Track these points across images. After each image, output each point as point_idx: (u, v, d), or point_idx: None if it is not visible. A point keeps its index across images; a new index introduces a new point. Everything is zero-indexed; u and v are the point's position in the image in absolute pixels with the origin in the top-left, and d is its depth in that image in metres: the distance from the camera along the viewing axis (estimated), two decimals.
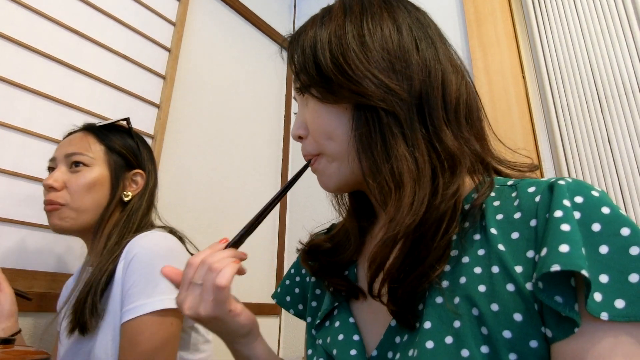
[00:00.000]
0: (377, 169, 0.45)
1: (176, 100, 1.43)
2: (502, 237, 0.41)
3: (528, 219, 0.40)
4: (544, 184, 0.41)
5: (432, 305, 0.41)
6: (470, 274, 0.40)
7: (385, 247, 0.42)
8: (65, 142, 0.90)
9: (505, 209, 0.43)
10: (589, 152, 1.24)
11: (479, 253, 0.41)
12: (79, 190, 0.84)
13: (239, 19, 1.82)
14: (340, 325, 0.52)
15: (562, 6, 1.39)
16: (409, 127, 0.45)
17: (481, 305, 0.38)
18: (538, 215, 0.39)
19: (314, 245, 0.58)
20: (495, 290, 0.38)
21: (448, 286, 0.41)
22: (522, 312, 0.36)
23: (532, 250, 0.38)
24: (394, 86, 0.45)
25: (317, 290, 0.62)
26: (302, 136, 0.53)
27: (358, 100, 0.46)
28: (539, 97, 1.39)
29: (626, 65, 1.23)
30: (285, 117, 1.98)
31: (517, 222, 0.41)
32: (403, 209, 0.42)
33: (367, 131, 0.46)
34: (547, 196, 0.39)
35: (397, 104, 0.45)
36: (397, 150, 0.44)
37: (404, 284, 0.42)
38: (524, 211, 0.41)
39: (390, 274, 0.43)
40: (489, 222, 0.42)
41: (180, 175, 1.41)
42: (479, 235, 0.42)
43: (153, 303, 0.71)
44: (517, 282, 0.37)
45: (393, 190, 0.43)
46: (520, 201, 0.42)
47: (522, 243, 0.39)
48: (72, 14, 1.17)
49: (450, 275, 0.42)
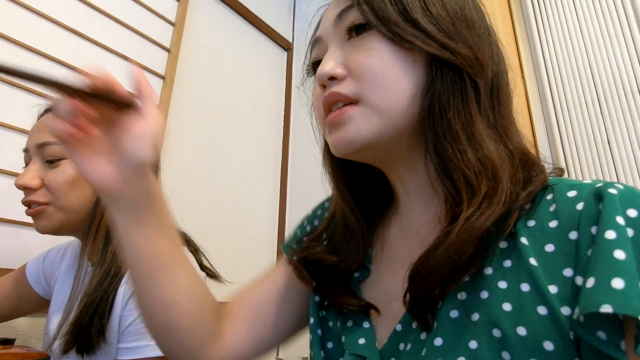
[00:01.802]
0: (457, 147, 0.38)
1: (176, 100, 1.43)
2: (534, 249, 0.34)
3: (567, 230, 0.34)
4: (587, 189, 0.35)
5: (445, 320, 0.36)
6: (494, 288, 0.35)
7: (454, 255, 0.35)
8: (35, 128, 0.74)
9: (539, 214, 0.36)
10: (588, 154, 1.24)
11: (504, 265, 0.35)
12: (59, 188, 0.70)
13: (238, 19, 1.82)
14: (351, 311, 0.46)
15: (562, 7, 1.40)
16: (489, 108, 0.40)
17: (505, 326, 0.32)
18: (580, 227, 0.33)
19: (316, 260, 0.48)
20: (524, 312, 0.32)
21: (466, 299, 0.35)
22: (554, 340, 0.31)
23: (570, 268, 0.32)
24: (480, 55, 0.40)
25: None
26: (337, 76, 0.42)
27: (444, 55, 0.39)
28: (539, 98, 1.39)
29: (626, 67, 1.23)
30: (285, 117, 1.98)
31: (553, 232, 0.34)
32: (492, 206, 0.35)
33: (446, 95, 0.39)
34: (594, 207, 0.33)
35: (481, 76, 0.40)
36: (481, 130, 0.39)
37: (430, 286, 0.36)
38: (561, 220, 0.34)
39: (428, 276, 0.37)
40: (520, 229, 0.36)
41: (180, 175, 1.41)
42: (506, 243, 0.36)
43: (156, 347, 0.68)
44: (551, 305, 0.31)
45: (479, 183, 0.36)
46: (558, 207, 0.35)
47: (559, 258, 0.33)
48: (72, 14, 1.17)
49: (470, 287, 0.36)
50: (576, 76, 1.32)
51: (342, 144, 0.42)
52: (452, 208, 0.37)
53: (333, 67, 0.42)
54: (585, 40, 1.33)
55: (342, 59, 0.43)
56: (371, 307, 0.44)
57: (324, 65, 0.43)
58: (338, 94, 0.42)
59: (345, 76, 0.42)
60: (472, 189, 0.37)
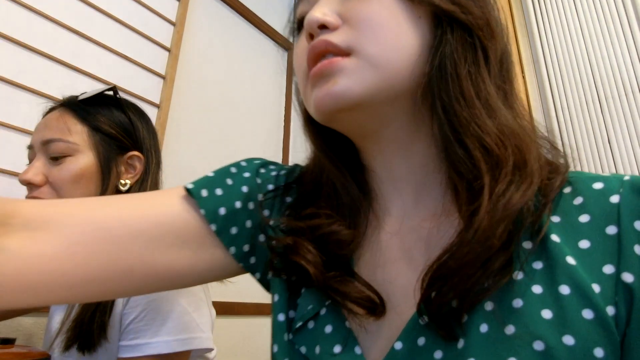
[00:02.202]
0: (473, 111, 0.33)
1: (176, 100, 1.43)
2: (568, 247, 0.31)
3: (602, 225, 0.31)
4: (615, 181, 0.33)
5: (475, 336, 0.30)
6: (529, 295, 0.30)
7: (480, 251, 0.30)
8: (41, 125, 0.74)
9: (562, 209, 0.33)
10: (589, 153, 1.24)
11: (535, 267, 0.31)
12: (63, 185, 0.70)
13: (239, 19, 1.82)
14: (334, 332, 0.36)
15: (562, 7, 1.39)
16: (500, 79, 0.37)
17: (548, 337, 0.28)
18: (622, 222, 0.30)
19: (326, 234, 0.38)
20: (568, 318, 0.28)
21: (496, 310, 0.30)
22: (604, 345, 0.28)
23: (611, 265, 0.30)
24: (492, 21, 0.37)
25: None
26: (328, 25, 0.36)
27: (455, 12, 0.35)
28: (539, 97, 1.39)
29: (626, 66, 1.23)
30: (285, 117, 1.98)
31: (585, 228, 0.32)
32: (527, 180, 0.31)
33: (458, 56, 0.34)
34: (634, 200, 0.31)
35: (492, 42, 0.36)
36: (495, 98, 0.35)
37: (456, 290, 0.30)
38: (593, 214, 0.32)
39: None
40: (548, 227, 0.32)
41: (181, 176, 1.41)
42: (531, 243, 0.32)
43: (157, 345, 0.64)
44: (597, 306, 0.28)
45: (503, 152, 0.32)
46: (585, 200, 0.33)
47: (597, 255, 0.30)
48: (72, 14, 1.17)
49: (498, 296, 0.31)
50: (576, 75, 1.32)
51: (329, 97, 0.35)
52: (470, 186, 0.32)
53: (325, 12, 0.36)
54: (585, 39, 1.33)
55: (336, 7, 0.37)
56: (380, 298, 0.35)
57: (313, 10, 0.36)
58: (328, 42, 0.35)
59: (339, 25, 0.36)
60: (497, 159, 0.32)
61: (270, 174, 0.49)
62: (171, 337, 0.65)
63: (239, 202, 0.44)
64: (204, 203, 0.42)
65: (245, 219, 0.44)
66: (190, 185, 0.44)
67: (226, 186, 0.45)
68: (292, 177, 0.48)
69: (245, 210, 0.45)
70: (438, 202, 0.37)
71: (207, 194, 0.43)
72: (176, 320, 0.67)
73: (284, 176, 0.48)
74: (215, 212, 0.42)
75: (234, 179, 0.46)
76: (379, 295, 0.35)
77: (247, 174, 0.47)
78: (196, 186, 0.44)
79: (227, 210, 0.43)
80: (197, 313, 0.70)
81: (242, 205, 0.45)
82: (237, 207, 0.44)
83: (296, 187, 0.47)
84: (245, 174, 0.47)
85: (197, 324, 0.70)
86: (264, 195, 0.46)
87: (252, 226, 0.45)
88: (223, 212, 0.43)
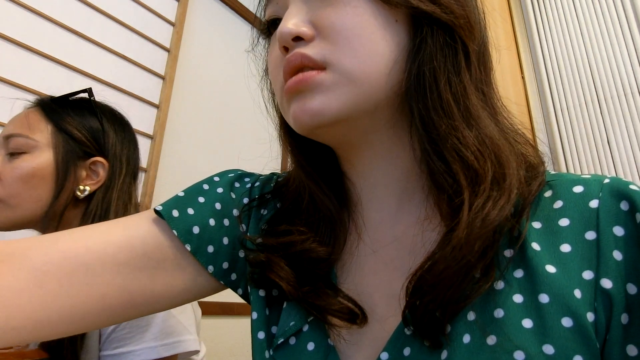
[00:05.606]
0: (451, 123, 0.32)
1: (175, 100, 1.43)
2: (549, 254, 0.31)
3: (582, 230, 0.31)
4: (594, 184, 0.32)
5: (458, 346, 0.30)
6: (510, 304, 0.30)
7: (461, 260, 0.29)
8: (10, 121, 0.73)
9: (542, 214, 0.33)
10: (588, 154, 1.24)
11: (515, 275, 0.31)
12: (12, 182, 0.66)
13: (238, 19, 1.82)
14: (316, 349, 0.36)
15: (562, 8, 1.40)
16: (480, 80, 0.35)
17: (528, 346, 0.28)
18: (600, 228, 0.30)
19: (301, 252, 0.38)
20: (547, 327, 0.28)
21: (477, 320, 0.30)
22: (583, 353, 0.27)
23: (590, 271, 0.29)
24: (471, 15, 0.35)
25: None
26: (303, 36, 0.34)
27: (435, 12, 0.33)
28: (539, 98, 1.39)
29: (625, 67, 1.23)
30: None
31: (566, 231, 0.31)
32: (505, 194, 0.30)
33: (437, 61, 0.33)
34: (613, 205, 0.31)
35: (472, 41, 0.35)
36: (476, 105, 0.33)
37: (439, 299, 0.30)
38: (573, 218, 0.31)
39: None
40: (527, 234, 0.32)
41: (180, 176, 1.41)
42: (511, 251, 0.31)
43: (142, 352, 0.61)
44: (576, 313, 0.28)
45: (482, 166, 0.31)
46: (565, 204, 0.32)
47: (576, 260, 0.30)
48: (72, 14, 1.17)
49: (479, 306, 0.30)
50: (576, 76, 1.33)
51: (307, 115, 0.34)
52: (451, 200, 0.32)
53: (298, 24, 0.34)
54: (585, 40, 1.33)
55: (308, 15, 0.35)
56: (360, 309, 0.35)
57: (286, 21, 0.35)
58: (304, 55, 0.34)
59: (314, 36, 0.35)
60: (476, 173, 0.31)
61: (245, 187, 0.48)
62: (157, 343, 0.63)
63: (212, 220, 0.43)
64: (175, 224, 0.41)
65: (221, 236, 0.43)
66: (159, 207, 0.43)
67: (198, 204, 0.44)
68: (268, 187, 0.48)
69: (221, 227, 0.44)
70: (421, 207, 0.36)
71: (178, 214, 0.42)
72: (161, 325, 0.64)
73: (258, 188, 0.48)
74: (189, 232, 0.41)
75: (205, 196, 0.45)
76: (359, 305, 0.35)
77: (220, 189, 0.46)
78: (166, 207, 0.43)
79: (201, 228, 0.42)
80: (182, 315, 0.68)
81: (216, 222, 0.44)
82: (211, 224, 0.43)
83: (272, 198, 0.47)
84: (218, 189, 0.46)
85: (184, 326, 0.68)
86: (240, 210, 0.45)
87: (229, 242, 0.44)
88: (197, 231, 0.42)
